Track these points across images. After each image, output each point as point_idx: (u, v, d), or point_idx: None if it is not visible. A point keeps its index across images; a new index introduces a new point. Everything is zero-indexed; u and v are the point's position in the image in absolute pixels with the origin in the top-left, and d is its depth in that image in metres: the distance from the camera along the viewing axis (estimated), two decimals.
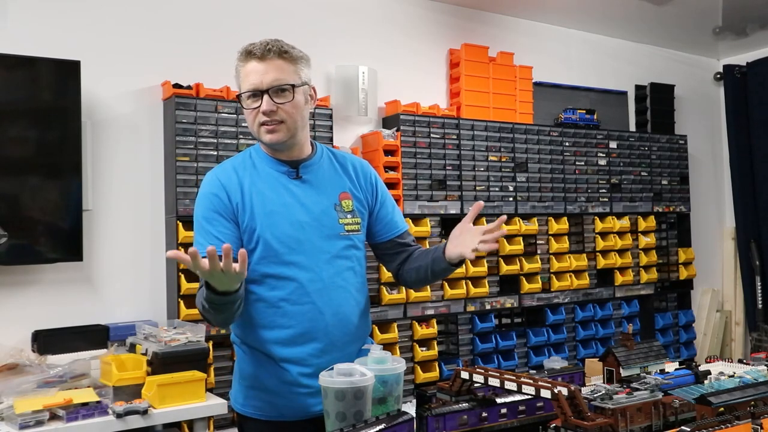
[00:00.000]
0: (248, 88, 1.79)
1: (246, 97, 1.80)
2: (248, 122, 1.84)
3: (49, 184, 2.97)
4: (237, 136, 3.29)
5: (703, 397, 1.54)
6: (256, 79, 1.77)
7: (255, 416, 1.85)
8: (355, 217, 1.90)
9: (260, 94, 1.77)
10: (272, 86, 1.77)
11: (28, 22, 3.04)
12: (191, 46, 3.41)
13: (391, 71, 4.02)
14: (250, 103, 1.79)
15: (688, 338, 5.04)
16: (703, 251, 5.40)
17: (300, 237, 1.81)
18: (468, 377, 1.55)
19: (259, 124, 1.80)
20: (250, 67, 1.78)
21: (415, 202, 3.79)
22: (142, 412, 2.45)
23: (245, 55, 1.80)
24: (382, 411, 1.52)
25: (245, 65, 1.80)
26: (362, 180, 1.96)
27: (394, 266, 2.04)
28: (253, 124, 1.81)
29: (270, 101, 1.77)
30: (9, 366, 2.60)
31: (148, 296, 3.24)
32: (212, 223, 1.79)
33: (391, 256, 2.03)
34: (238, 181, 1.82)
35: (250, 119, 1.82)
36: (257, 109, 1.78)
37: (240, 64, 1.81)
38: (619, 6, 4.55)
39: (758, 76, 5.37)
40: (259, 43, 1.79)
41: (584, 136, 4.58)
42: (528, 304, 4.20)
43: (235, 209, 1.80)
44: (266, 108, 1.77)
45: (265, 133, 1.80)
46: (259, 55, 1.77)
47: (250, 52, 1.78)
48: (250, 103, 1.79)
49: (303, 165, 1.88)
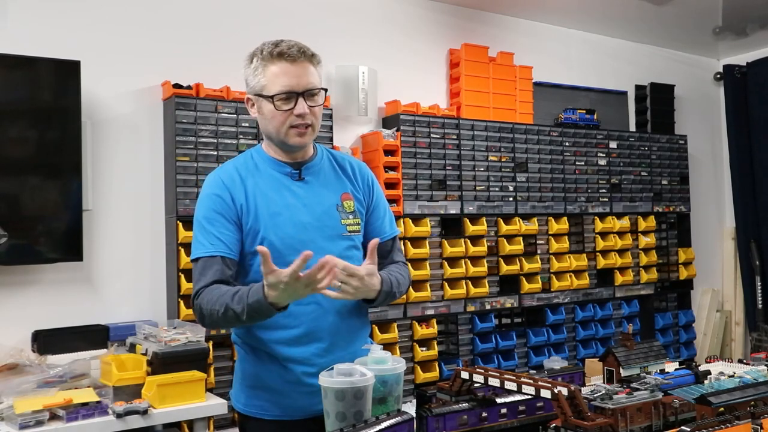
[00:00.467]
0: (282, 89, 1.76)
1: (277, 99, 1.78)
2: (274, 124, 1.80)
3: (49, 184, 2.97)
4: (237, 136, 3.29)
5: (703, 397, 1.54)
6: (291, 81, 1.76)
7: (257, 416, 1.85)
8: (356, 218, 1.91)
9: (294, 96, 1.77)
10: (307, 89, 1.77)
11: (28, 22, 3.04)
12: (191, 46, 3.41)
13: (391, 71, 4.02)
14: (282, 104, 1.78)
15: (688, 338, 5.04)
16: (703, 251, 5.40)
17: (304, 238, 1.81)
18: (468, 377, 1.55)
19: (289, 126, 1.79)
20: (282, 68, 1.76)
21: (415, 202, 3.79)
22: (142, 412, 2.45)
23: (275, 56, 1.77)
24: (382, 411, 1.52)
25: (273, 65, 1.77)
26: (360, 181, 1.96)
27: None
28: (282, 126, 1.79)
29: (304, 104, 1.77)
30: (9, 366, 2.60)
31: (148, 296, 3.24)
32: (213, 224, 1.78)
33: None
34: (242, 183, 1.82)
35: (278, 120, 1.79)
36: (289, 111, 1.78)
37: (265, 63, 1.78)
38: (619, 6, 4.55)
39: (758, 76, 5.37)
40: (290, 44, 1.78)
41: (584, 136, 4.58)
42: (528, 304, 4.20)
43: (239, 211, 1.80)
44: (303, 111, 1.77)
45: (295, 136, 1.80)
46: (294, 57, 1.76)
47: (282, 53, 1.76)
48: (282, 105, 1.78)
49: (305, 166, 1.88)
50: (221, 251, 1.76)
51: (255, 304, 1.63)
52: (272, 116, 1.79)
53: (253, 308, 1.63)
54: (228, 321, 1.71)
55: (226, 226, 1.78)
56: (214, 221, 1.78)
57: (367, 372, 1.50)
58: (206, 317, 1.74)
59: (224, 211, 1.79)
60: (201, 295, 1.73)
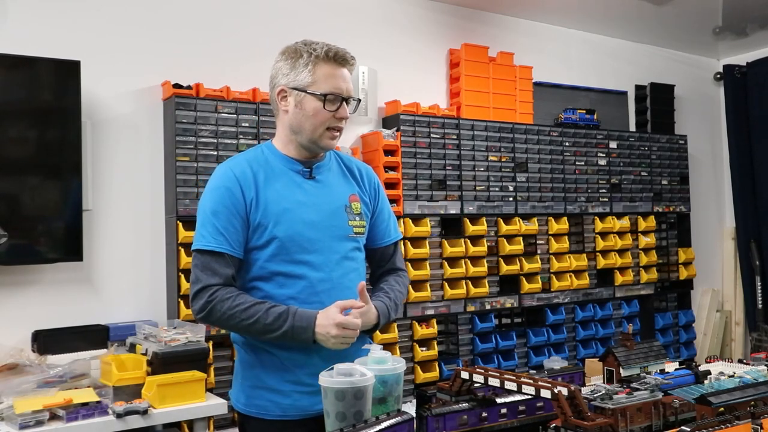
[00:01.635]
0: (333, 91, 1.81)
1: (325, 100, 1.81)
2: (312, 121, 1.82)
3: (49, 184, 2.97)
4: (237, 136, 3.29)
5: (703, 397, 1.54)
6: (342, 84, 1.83)
7: (258, 416, 1.85)
8: (361, 220, 1.93)
9: (341, 100, 1.83)
10: (351, 96, 1.87)
11: (28, 22, 3.04)
12: (191, 46, 3.41)
13: (391, 71, 4.02)
14: (329, 105, 1.82)
15: (688, 338, 5.04)
16: (703, 251, 5.40)
17: (312, 236, 1.82)
18: (468, 377, 1.55)
19: (327, 127, 1.83)
20: (335, 71, 1.82)
21: (415, 202, 3.79)
22: (142, 412, 2.45)
23: (330, 57, 1.82)
24: (382, 411, 1.52)
25: (326, 65, 1.81)
26: (367, 184, 1.99)
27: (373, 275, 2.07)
28: (321, 126, 1.83)
29: (346, 109, 1.85)
30: (9, 366, 2.60)
31: (148, 296, 3.24)
32: (219, 218, 1.77)
33: (374, 263, 2.05)
34: (253, 176, 1.82)
35: (319, 119, 1.82)
36: (333, 113, 1.82)
37: (318, 61, 1.81)
38: (619, 6, 4.55)
39: (758, 76, 5.37)
40: (342, 50, 1.84)
41: (584, 136, 4.58)
42: (528, 304, 4.20)
43: (248, 205, 1.80)
44: (345, 114, 1.85)
45: (328, 138, 1.86)
46: (347, 62, 1.85)
47: (338, 56, 1.82)
48: (329, 105, 1.82)
49: (316, 166, 1.90)
50: (226, 249, 1.76)
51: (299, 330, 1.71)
52: (314, 113, 1.82)
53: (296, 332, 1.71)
54: (246, 329, 1.74)
55: (231, 222, 1.78)
56: (219, 215, 1.77)
57: (367, 372, 1.50)
58: (218, 317, 1.74)
59: (232, 206, 1.78)
60: (217, 294, 1.73)
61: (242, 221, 1.79)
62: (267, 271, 1.80)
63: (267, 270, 1.80)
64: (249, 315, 1.71)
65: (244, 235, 1.80)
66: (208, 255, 1.76)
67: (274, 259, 1.80)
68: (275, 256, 1.79)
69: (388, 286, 1.96)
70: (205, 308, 1.74)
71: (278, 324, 1.71)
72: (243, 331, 1.79)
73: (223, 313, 1.73)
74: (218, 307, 1.73)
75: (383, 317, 1.84)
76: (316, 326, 1.70)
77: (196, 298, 1.76)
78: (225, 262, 1.76)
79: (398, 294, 1.95)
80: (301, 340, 1.72)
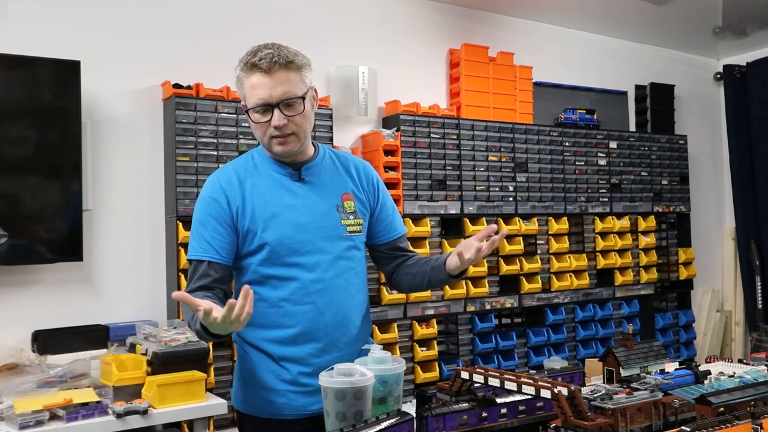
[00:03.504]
0: (257, 103, 1.75)
1: (254, 112, 1.77)
2: (257, 134, 1.82)
3: (49, 184, 2.97)
4: (237, 136, 3.29)
5: (703, 397, 1.54)
6: (264, 93, 1.74)
7: (255, 414, 1.86)
8: (357, 218, 1.91)
9: (270, 107, 1.75)
10: (282, 100, 1.75)
11: (28, 22, 3.04)
12: (191, 46, 3.41)
13: (391, 71, 4.02)
14: (259, 117, 1.77)
15: (688, 338, 5.04)
16: (703, 251, 5.40)
17: (302, 238, 1.81)
18: (468, 377, 1.55)
19: (270, 137, 1.79)
20: (256, 80, 1.74)
21: (415, 202, 3.79)
22: (142, 412, 2.45)
23: (249, 67, 1.75)
24: (382, 411, 1.52)
25: (249, 77, 1.76)
26: (364, 181, 1.97)
27: (388, 269, 2.05)
28: (264, 137, 1.80)
29: (281, 115, 1.76)
30: (9, 366, 2.60)
31: (148, 296, 3.24)
32: (206, 227, 1.80)
33: (387, 259, 2.04)
34: (240, 185, 1.83)
35: (260, 132, 1.80)
36: (267, 123, 1.77)
37: (243, 75, 1.77)
38: (619, 6, 4.55)
39: (758, 76, 5.37)
40: (263, 54, 1.73)
41: (584, 136, 4.58)
42: (528, 304, 4.20)
43: (235, 214, 1.81)
44: (278, 123, 1.76)
45: (277, 145, 1.80)
46: (266, 69, 1.73)
47: (255, 65, 1.73)
48: (259, 117, 1.77)
49: (305, 167, 1.89)
50: (210, 256, 1.79)
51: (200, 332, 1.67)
52: (254, 128, 1.82)
53: (198, 333, 1.69)
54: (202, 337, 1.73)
55: (218, 231, 1.80)
56: (207, 224, 1.81)
57: (367, 372, 1.50)
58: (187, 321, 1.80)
59: (218, 215, 1.80)
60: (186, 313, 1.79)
61: (229, 229, 1.81)
62: (260, 275, 1.82)
63: (260, 274, 1.82)
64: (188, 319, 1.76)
65: (233, 242, 1.81)
66: (194, 264, 1.81)
67: (266, 263, 1.81)
68: (267, 260, 1.80)
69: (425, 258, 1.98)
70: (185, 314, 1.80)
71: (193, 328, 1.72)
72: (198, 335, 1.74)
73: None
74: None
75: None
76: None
77: None
78: (205, 270, 1.79)
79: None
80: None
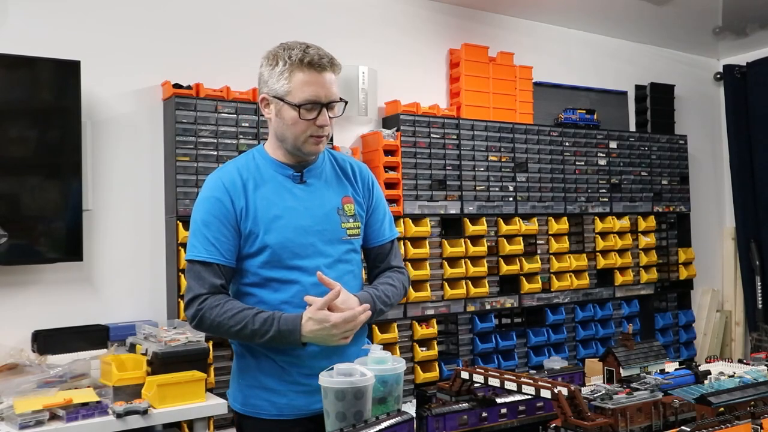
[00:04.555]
0: (308, 99, 1.76)
1: (303, 108, 1.77)
2: (294, 131, 1.79)
3: (49, 184, 2.97)
4: (237, 136, 3.29)
5: (703, 397, 1.54)
6: (318, 91, 1.76)
7: (255, 415, 1.85)
8: (356, 222, 1.91)
9: (318, 106, 1.77)
10: (331, 101, 1.79)
11: (28, 22, 3.04)
12: (191, 46, 3.41)
13: (391, 71, 4.02)
14: (306, 113, 1.77)
15: (688, 338, 5.04)
16: (703, 251, 5.40)
17: (303, 241, 1.81)
18: (468, 377, 1.55)
19: (309, 135, 1.79)
20: (310, 77, 1.76)
21: (415, 202, 3.79)
22: (142, 412, 2.45)
23: (305, 64, 1.76)
24: (382, 411, 1.52)
25: (301, 73, 1.76)
26: (360, 183, 1.96)
27: (370, 276, 2.04)
28: (302, 134, 1.79)
29: (327, 116, 1.79)
30: (9, 366, 2.60)
31: (148, 296, 3.24)
32: (210, 228, 1.78)
33: (369, 264, 2.03)
34: (242, 185, 1.82)
35: (299, 129, 1.78)
36: (312, 121, 1.77)
37: (292, 69, 1.76)
38: (619, 6, 4.55)
39: (758, 76, 5.37)
40: (320, 54, 1.77)
41: (584, 136, 4.58)
42: (528, 304, 4.20)
43: (238, 215, 1.80)
44: (325, 122, 1.79)
45: (312, 145, 1.81)
46: (323, 67, 1.77)
47: (312, 62, 1.75)
48: (307, 114, 1.77)
49: (307, 169, 1.88)
50: (217, 259, 1.77)
51: (286, 333, 1.69)
52: (293, 123, 1.79)
53: (282, 335, 1.70)
54: (236, 335, 1.75)
55: (222, 232, 1.78)
56: (210, 225, 1.79)
57: (367, 372, 1.50)
58: (208, 325, 1.76)
59: (222, 216, 1.79)
60: (206, 303, 1.75)
61: (233, 230, 1.80)
62: (260, 277, 1.81)
63: (260, 276, 1.81)
64: (237, 321, 1.72)
65: (236, 244, 1.80)
66: (199, 265, 1.78)
67: (267, 266, 1.80)
68: (268, 263, 1.80)
69: (379, 281, 1.94)
70: (196, 317, 1.77)
71: (265, 329, 1.71)
72: (233, 337, 1.80)
73: (212, 320, 1.75)
74: (207, 315, 1.75)
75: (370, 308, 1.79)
76: (302, 328, 1.69)
77: (188, 308, 1.79)
78: (216, 272, 1.77)
79: (389, 288, 1.91)
80: (289, 342, 1.72)
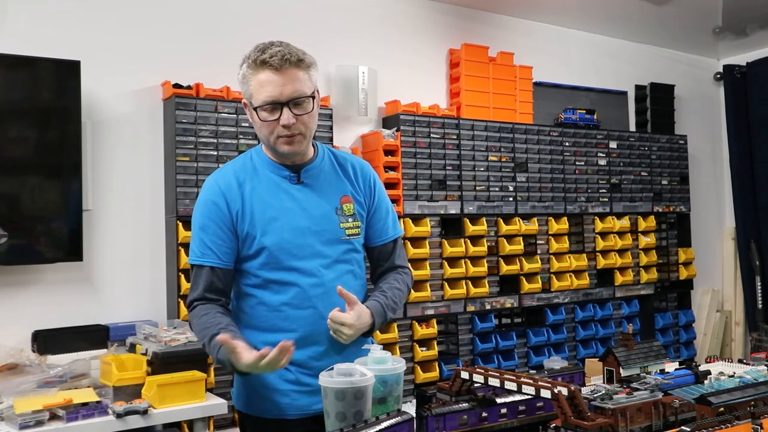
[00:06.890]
0: (266, 100, 1.72)
1: (262, 110, 1.75)
2: (262, 133, 1.79)
3: (49, 184, 2.97)
4: (237, 136, 3.29)
5: (703, 397, 1.54)
6: (274, 91, 1.71)
7: (257, 415, 1.85)
8: (355, 221, 1.90)
9: (279, 106, 1.73)
10: (292, 98, 1.73)
11: (28, 22, 3.04)
12: (191, 46, 3.41)
13: (391, 71, 4.02)
14: (267, 115, 1.75)
15: (688, 338, 5.04)
16: (703, 251, 5.40)
17: (301, 242, 1.81)
18: (468, 377, 1.55)
19: (277, 136, 1.77)
20: (265, 78, 1.72)
21: (415, 202, 3.79)
22: (142, 412, 2.45)
23: (258, 64, 1.72)
24: (382, 411, 1.52)
25: (258, 74, 1.73)
26: (361, 182, 1.94)
27: (374, 275, 2.03)
28: (270, 136, 1.77)
29: (290, 114, 1.74)
30: (9, 366, 2.60)
31: (148, 296, 3.24)
32: (206, 232, 1.80)
33: (373, 263, 2.01)
34: (239, 188, 1.81)
35: (266, 131, 1.77)
36: (275, 121, 1.75)
37: (250, 72, 1.75)
38: (619, 6, 4.55)
39: (758, 76, 5.37)
40: (273, 52, 1.72)
41: (584, 136, 4.58)
42: (528, 304, 4.20)
43: (234, 218, 1.80)
44: (288, 121, 1.74)
45: (283, 144, 1.78)
46: (277, 66, 1.70)
47: (265, 62, 1.71)
48: (267, 116, 1.75)
49: (305, 169, 1.87)
50: (211, 261, 1.78)
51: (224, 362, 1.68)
52: (260, 126, 1.78)
53: (221, 362, 1.70)
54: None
55: (219, 235, 1.79)
56: (207, 229, 1.80)
57: (367, 372, 1.50)
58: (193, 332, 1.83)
59: (218, 219, 1.79)
60: (194, 311, 1.80)
61: (230, 233, 1.80)
62: (261, 279, 1.81)
63: (260, 278, 1.81)
64: (201, 337, 1.76)
65: (234, 246, 1.81)
66: (195, 269, 1.81)
67: (265, 268, 1.80)
68: (266, 264, 1.80)
69: (387, 285, 1.92)
70: (189, 321, 1.84)
71: (212, 353, 1.72)
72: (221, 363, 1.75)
73: (193, 330, 1.81)
74: (193, 322, 1.80)
75: (378, 316, 1.80)
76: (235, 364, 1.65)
77: (187, 310, 1.85)
78: (212, 275, 1.79)
79: (396, 292, 1.90)
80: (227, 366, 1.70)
